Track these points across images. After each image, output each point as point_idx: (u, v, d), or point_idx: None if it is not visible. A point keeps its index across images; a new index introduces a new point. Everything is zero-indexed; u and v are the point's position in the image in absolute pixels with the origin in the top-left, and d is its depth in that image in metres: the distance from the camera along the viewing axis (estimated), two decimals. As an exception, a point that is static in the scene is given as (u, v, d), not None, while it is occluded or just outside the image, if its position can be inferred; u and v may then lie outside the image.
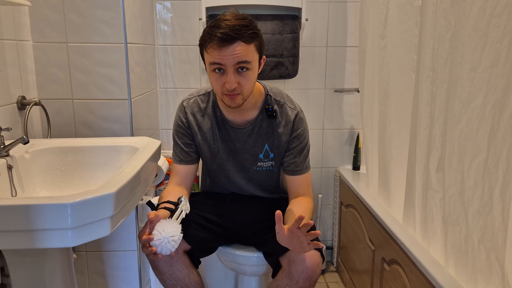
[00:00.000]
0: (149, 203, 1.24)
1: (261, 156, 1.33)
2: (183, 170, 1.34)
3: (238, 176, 1.36)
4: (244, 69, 1.15)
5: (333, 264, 2.21)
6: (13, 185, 1.06)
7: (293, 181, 1.33)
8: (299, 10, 1.89)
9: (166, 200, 1.20)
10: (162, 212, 1.13)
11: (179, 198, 1.20)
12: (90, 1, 1.38)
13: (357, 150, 2.08)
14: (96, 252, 1.55)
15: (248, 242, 1.37)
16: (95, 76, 1.44)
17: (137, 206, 1.54)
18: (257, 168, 1.34)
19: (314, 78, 2.06)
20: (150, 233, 1.04)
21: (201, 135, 1.32)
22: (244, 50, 1.12)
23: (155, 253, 1.03)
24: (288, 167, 1.32)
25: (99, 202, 0.80)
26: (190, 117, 1.32)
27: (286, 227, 1.06)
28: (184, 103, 1.34)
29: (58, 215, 0.77)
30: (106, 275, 1.57)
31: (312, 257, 1.15)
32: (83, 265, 1.55)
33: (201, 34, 1.18)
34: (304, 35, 1.99)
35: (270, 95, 1.31)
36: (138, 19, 1.61)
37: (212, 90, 1.32)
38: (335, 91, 2.08)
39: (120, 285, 1.59)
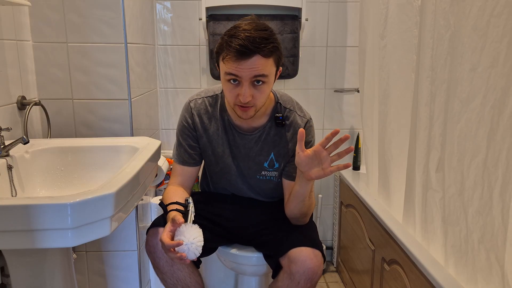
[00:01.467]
0: (161, 204, 1.24)
1: (265, 165, 1.31)
2: (185, 172, 1.33)
3: (240, 181, 1.35)
4: (260, 82, 1.12)
5: (333, 264, 2.21)
6: (13, 185, 1.06)
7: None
8: (299, 10, 1.89)
9: (174, 201, 1.19)
10: (178, 215, 1.12)
11: (186, 200, 1.20)
12: (90, 1, 1.39)
13: (357, 150, 2.08)
14: (96, 252, 1.55)
15: (247, 242, 1.37)
16: (95, 76, 1.44)
17: (137, 206, 1.55)
18: (261, 177, 1.32)
19: (314, 78, 2.06)
20: (172, 238, 1.06)
21: (206, 137, 1.31)
22: (262, 64, 1.09)
23: (181, 258, 1.03)
24: (294, 172, 1.25)
25: (99, 202, 0.80)
26: (197, 119, 1.29)
27: (310, 149, 1.08)
28: (191, 104, 1.30)
29: (58, 215, 0.77)
30: (106, 275, 1.57)
31: (313, 257, 1.15)
32: (83, 265, 1.55)
33: (219, 41, 1.14)
34: (304, 35, 1.99)
35: (280, 103, 1.29)
36: (138, 19, 1.61)
37: (221, 92, 1.30)
38: (335, 91, 2.08)
39: (120, 285, 1.59)
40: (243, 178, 1.34)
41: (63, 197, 0.78)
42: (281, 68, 1.20)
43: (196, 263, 1.29)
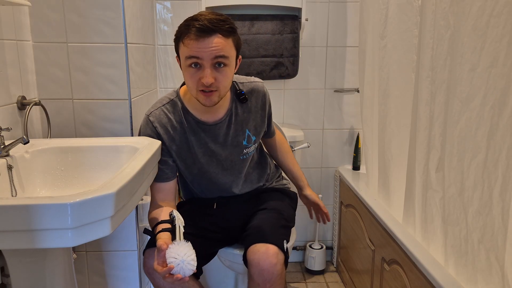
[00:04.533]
0: (146, 231, 1.22)
1: (244, 143, 1.30)
2: (163, 188, 1.27)
3: (223, 174, 1.32)
4: (222, 65, 1.11)
5: (333, 264, 2.21)
6: (13, 185, 1.06)
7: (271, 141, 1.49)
8: (299, 10, 1.89)
9: (159, 221, 1.17)
10: (165, 237, 1.11)
11: (170, 214, 1.17)
12: (90, 1, 1.39)
13: (357, 150, 2.08)
14: (96, 252, 1.55)
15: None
16: (95, 76, 1.44)
17: (137, 206, 1.55)
18: (244, 157, 1.31)
19: (314, 78, 2.07)
20: (163, 263, 1.04)
21: (176, 146, 1.26)
22: (222, 44, 1.09)
23: (179, 279, 1.02)
24: (269, 130, 1.42)
25: (99, 202, 0.80)
26: (160, 130, 1.24)
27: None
28: (150, 118, 1.24)
29: (58, 215, 0.77)
30: (106, 275, 1.57)
31: (266, 259, 1.14)
32: (83, 265, 1.55)
33: (176, 30, 1.15)
34: (304, 35, 1.99)
35: (234, 81, 1.29)
36: (138, 19, 1.61)
37: (177, 96, 1.26)
38: (335, 91, 2.08)
39: (120, 285, 1.59)
40: (225, 170, 1.31)
41: (63, 197, 0.78)
42: (240, 57, 1.21)
43: (197, 274, 1.27)
